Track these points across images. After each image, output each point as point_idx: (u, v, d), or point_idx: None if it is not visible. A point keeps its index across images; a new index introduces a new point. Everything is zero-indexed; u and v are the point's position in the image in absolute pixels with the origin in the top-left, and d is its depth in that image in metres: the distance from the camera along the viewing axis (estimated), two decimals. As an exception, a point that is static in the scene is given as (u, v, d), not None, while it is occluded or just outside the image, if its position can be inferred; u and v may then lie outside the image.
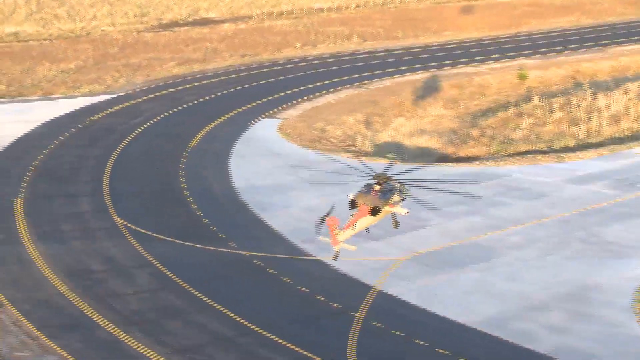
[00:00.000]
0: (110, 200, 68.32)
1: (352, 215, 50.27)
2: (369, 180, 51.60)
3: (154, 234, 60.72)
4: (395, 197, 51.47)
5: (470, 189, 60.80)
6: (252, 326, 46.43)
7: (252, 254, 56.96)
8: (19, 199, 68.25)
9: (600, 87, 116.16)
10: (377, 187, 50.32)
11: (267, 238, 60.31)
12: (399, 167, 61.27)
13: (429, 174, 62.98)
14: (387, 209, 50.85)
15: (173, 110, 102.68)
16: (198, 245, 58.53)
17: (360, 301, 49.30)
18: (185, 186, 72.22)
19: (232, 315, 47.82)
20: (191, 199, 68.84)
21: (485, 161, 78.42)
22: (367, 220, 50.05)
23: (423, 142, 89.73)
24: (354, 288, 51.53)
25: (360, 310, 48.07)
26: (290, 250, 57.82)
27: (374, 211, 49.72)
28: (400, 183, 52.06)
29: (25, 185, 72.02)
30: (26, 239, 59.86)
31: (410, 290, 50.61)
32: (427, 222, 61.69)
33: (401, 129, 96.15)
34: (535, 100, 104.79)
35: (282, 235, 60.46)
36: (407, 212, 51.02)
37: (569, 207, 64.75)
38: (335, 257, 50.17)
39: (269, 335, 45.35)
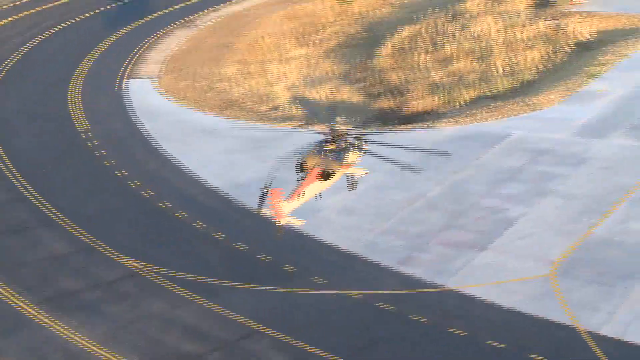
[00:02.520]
0: (87, 231, 52.02)
1: (301, 179, 40.60)
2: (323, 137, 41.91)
3: (198, 279, 46.17)
4: (352, 156, 41.71)
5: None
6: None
7: (364, 294, 44.29)
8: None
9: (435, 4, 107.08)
10: (330, 146, 40.93)
11: (351, 266, 47.59)
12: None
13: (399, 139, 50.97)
14: (342, 170, 41.55)
15: None
16: (289, 291, 44.97)
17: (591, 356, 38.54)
18: (154, 193, 57.02)
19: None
20: (183, 214, 53.83)
21: (455, 117, 68.33)
22: (318, 186, 40.85)
23: (333, 94, 78.25)
24: (550, 331, 40.25)
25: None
26: (402, 282, 45.54)
27: (326, 175, 40.48)
28: (358, 138, 42.18)
29: None
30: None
31: (624, 325, 40.19)
32: (508, 214, 51.21)
33: (290, 79, 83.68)
34: (406, 30, 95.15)
35: (365, 258, 48.08)
36: (367, 173, 42.41)
37: (627, 170, 55.01)
38: (280, 232, 40.76)
39: None
